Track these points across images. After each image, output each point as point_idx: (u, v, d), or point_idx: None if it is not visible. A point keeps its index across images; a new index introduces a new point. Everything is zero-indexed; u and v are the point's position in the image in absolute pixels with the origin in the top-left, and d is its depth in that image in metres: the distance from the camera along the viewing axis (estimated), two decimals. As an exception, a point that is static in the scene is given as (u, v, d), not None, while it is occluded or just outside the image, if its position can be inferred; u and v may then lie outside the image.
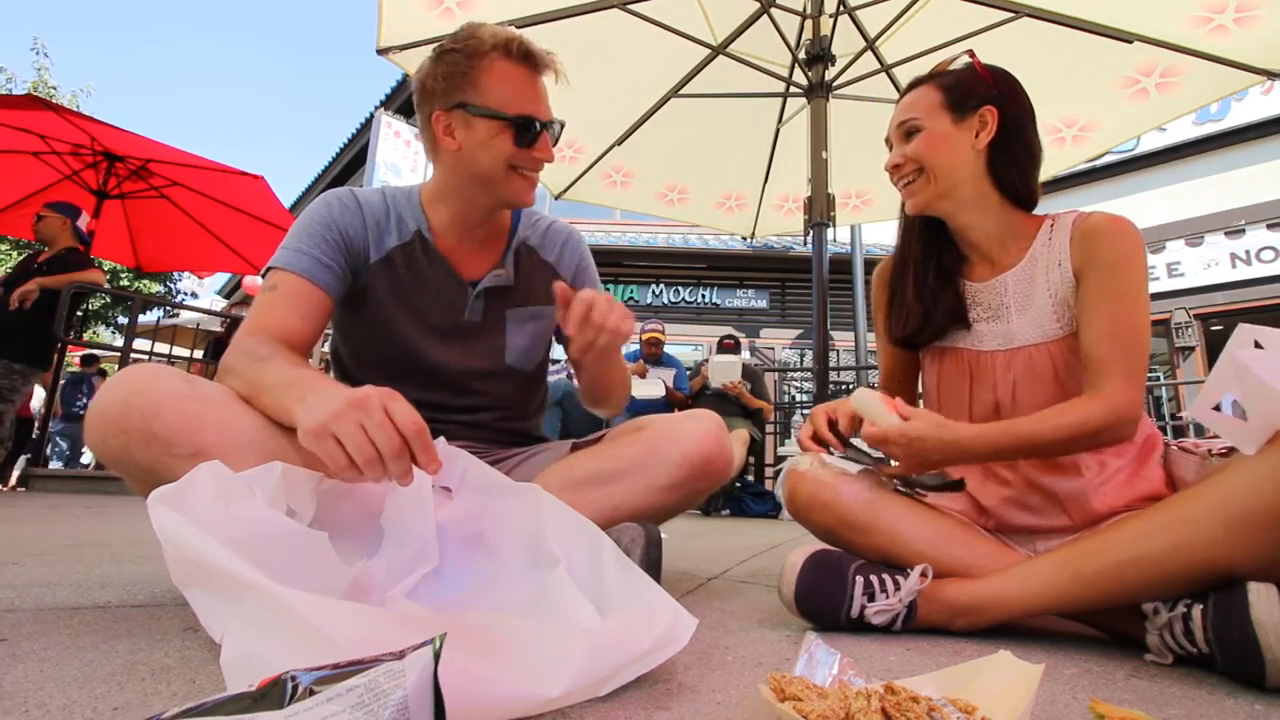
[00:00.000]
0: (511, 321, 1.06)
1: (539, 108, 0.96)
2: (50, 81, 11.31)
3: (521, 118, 0.94)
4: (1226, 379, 0.68)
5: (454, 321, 1.03)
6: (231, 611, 0.46)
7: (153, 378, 0.72)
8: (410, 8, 2.39)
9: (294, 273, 0.90)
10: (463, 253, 1.04)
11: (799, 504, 0.92)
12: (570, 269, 1.13)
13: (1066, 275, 0.88)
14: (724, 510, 4.12)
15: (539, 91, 0.97)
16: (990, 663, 0.50)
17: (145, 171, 4.41)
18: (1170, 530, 0.69)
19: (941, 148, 0.94)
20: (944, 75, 0.97)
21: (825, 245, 2.65)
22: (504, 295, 1.06)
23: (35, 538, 1.53)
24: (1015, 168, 0.94)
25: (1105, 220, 0.87)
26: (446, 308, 1.02)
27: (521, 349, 1.08)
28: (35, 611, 0.77)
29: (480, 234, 1.05)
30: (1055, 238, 0.92)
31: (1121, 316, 0.82)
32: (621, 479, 0.92)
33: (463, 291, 1.03)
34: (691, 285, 8.73)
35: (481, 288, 1.03)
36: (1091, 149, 2.88)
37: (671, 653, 0.58)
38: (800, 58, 2.75)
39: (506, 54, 0.94)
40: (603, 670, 0.52)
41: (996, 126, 0.93)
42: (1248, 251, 6.46)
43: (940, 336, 0.98)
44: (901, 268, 1.03)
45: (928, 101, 0.95)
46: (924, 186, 0.95)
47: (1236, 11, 2.22)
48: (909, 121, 0.96)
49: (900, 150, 0.97)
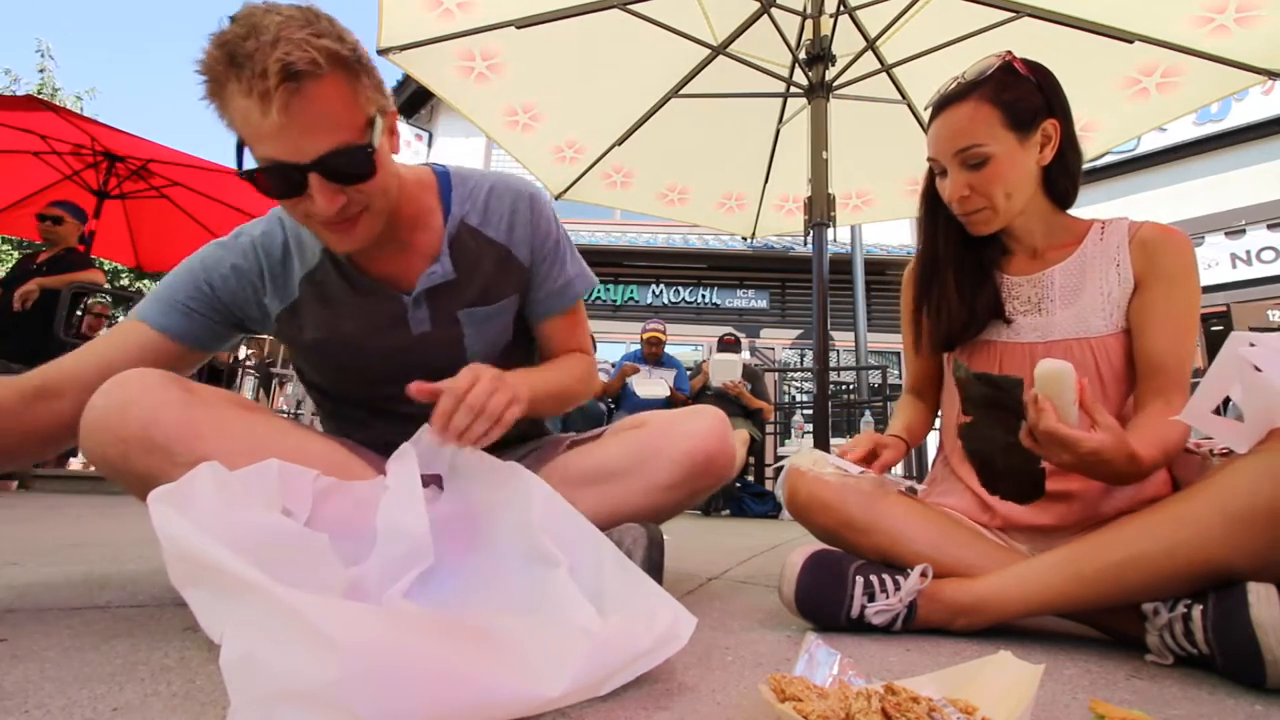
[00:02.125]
0: (468, 324, 0.92)
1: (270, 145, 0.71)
2: (54, 83, 11.31)
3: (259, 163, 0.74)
4: (1226, 378, 0.68)
5: (399, 340, 0.90)
6: (231, 611, 0.46)
7: (150, 385, 0.71)
8: (410, 8, 2.39)
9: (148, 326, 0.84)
10: (386, 259, 0.88)
11: (799, 504, 0.92)
12: (524, 245, 0.95)
13: (1126, 277, 0.89)
14: (724, 510, 4.12)
15: (265, 125, 0.69)
16: (990, 663, 0.50)
17: (145, 172, 4.42)
18: (1168, 530, 0.69)
19: (1011, 175, 0.89)
20: (992, 85, 0.88)
21: (825, 245, 2.64)
22: (450, 293, 0.90)
23: (35, 538, 1.53)
24: (1068, 174, 0.93)
25: (1165, 231, 0.89)
26: (386, 328, 0.89)
27: (483, 348, 0.95)
28: (35, 612, 0.76)
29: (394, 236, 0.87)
30: (1109, 239, 0.92)
31: (1182, 335, 0.85)
32: (621, 478, 0.91)
33: (397, 303, 0.88)
34: (691, 285, 8.72)
35: (418, 292, 0.88)
36: (1092, 149, 2.87)
37: (671, 652, 0.58)
38: (800, 58, 2.75)
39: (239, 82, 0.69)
40: (603, 670, 0.52)
41: (1060, 139, 0.91)
42: (1248, 252, 6.45)
43: (980, 332, 0.97)
44: (933, 269, 1.01)
45: (987, 122, 0.87)
46: (992, 217, 0.92)
47: (1237, 11, 2.22)
48: (972, 150, 0.88)
49: (964, 180, 0.90)
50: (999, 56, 0.91)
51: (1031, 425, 0.72)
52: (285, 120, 0.66)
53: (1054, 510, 0.88)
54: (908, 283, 1.08)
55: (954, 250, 0.99)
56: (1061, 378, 0.70)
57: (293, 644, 0.43)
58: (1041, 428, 0.71)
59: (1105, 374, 0.89)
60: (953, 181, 0.92)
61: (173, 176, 4.44)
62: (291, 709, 0.41)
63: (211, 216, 4.75)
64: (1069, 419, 0.71)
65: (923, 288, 1.03)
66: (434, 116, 9.68)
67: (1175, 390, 0.84)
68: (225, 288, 0.87)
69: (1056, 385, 0.71)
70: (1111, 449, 0.70)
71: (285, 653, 0.43)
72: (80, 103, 11.54)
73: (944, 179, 0.95)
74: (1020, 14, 2.45)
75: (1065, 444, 0.70)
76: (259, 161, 0.71)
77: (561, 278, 0.99)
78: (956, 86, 0.91)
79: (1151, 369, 0.86)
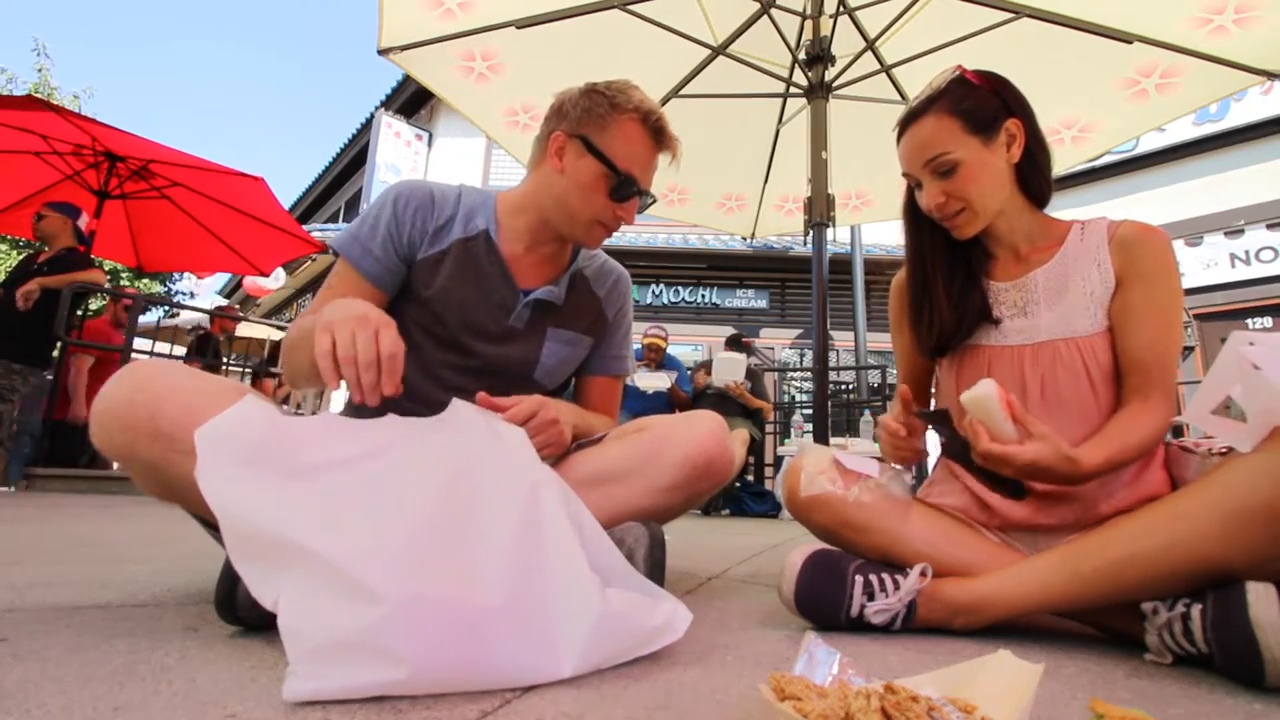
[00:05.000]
0: (551, 339, 1.08)
1: (645, 175, 1.03)
2: (51, 82, 11.31)
3: (627, 175, 0.99)
4: (1227, 377, 0.68)
5: (498, 323, 1.04)
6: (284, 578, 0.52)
7: (157, 374, 0.73)
8: (411, 8, 2.39)
9: (346, 260, 0.99)
10: (524, 262, 1.06)
11: (799, 503, 0.92)
12: (613, 307, 1.17)
13: (1107, 276, 0.90)
14: (724, 510, 4.12)
15: (652, 163, 1.04)
16: (990, 662, 0.50)
17: (146, 172, 4.41)
18: (1166, 528, 0.69)
19: (983, 177, 0.92)
20: (949, 98, 0.92)
21: (825, 245, 2.64)
22: (550, 312, 1.08)
23: (36, 537, 1.54)
24: (1038, 171, 0.95)
25: (1144, 229, 0.90)
26: (495, 307, 1.04)
27: (551, 368, 1.09)
28: (36, 611, 0.77)
29: (544, 250, 1.08)
30: (1089, 240, 0.93)
31: (1163, 332, 0.85)
32: (623, 480, 0.92)
33: (513, 295, 1.04)
34: (691, 285, 8.72)
35: (533, 297, 1.05)
36: (1091, 150, 2.87)
37: (668, 641, 0.61)
38: (800, 58, 2.75)
39: (644, 120, 1.01)
40: (611, 642, 0.57)
41: (1024, 137, 0.93)
42: (1247, 252, 6.45)
43: (969, 337, 0.98)
44: (922, 277, 1.02)
45: (949, 131, 0.92)
46: (973, 218, 0.94)
47: (1236, 12, 2.22)
48: (940, 159, 0.92)
49: (939, 188, 0.93)
50: (950, 71, 0.95)
51: (974, 448, 0.78)
52: None
53: (1053, 510, 0.88)
54: (896, 293, 1.09)
55: (941, 261, 1.00)
56: (984, 401, 0.76)
57: (340, 597, 0.49)
58: (979, 450, 0.77)
59: (1093, 373, 0.89)
60: (929, 191, 0.94)
61: (173, 177, 4.44)
62: (340, 655, 0.47)
63: (212, 217, 4.75)
64: (1005, 434, 0.77)
65: (914, 302, 1.04)
66: (434, 116, 9.69)
67: (1155, 388, 0.85)
68: (409, 229, 1.01)
69: (983, 409, 0.77)
70: (1048, 457, 0.75)
71: (331, 606, 0.49)
72: (78, 101, 11.53)
73: (921, 191, 0.97)
74: (1020, 14, 2.45)
75: (1003, 460, 0.76)
76: (621, 170, 0.99)
77: (622, 348, 1.20)
78: (916, 104, 0.95)
79: (1133, 367, 0.86)
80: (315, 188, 12.09)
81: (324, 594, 0.50)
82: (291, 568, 0.52)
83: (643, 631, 0.61)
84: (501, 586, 0.54)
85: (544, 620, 0.55)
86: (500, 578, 0.54)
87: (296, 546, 0.52)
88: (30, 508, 2.44)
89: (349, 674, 0.48)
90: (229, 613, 0.68)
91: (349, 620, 0.48)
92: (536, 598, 0.55)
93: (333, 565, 0.50)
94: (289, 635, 0.48)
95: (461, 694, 0.52)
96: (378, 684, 0.48)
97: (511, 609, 0.53)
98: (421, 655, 0.48)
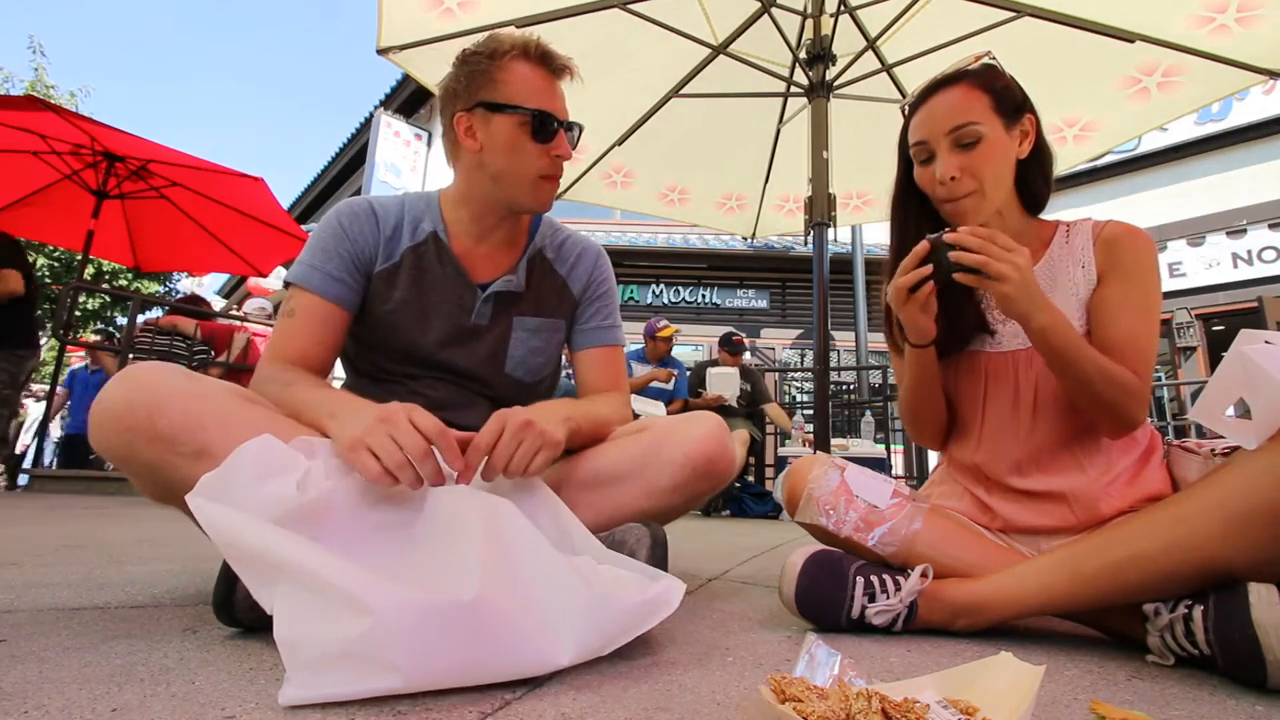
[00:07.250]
0: (517, 329, 1.06)
1: (555, 105, 0.98)
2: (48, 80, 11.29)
3: (538, 112, 0.96)
4: (1232, 377, 0.68)
5: (459, 323, 1.03)
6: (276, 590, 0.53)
7: (156, 376, 0.73)
8: (410, 8, 2.38)
9: (309, 291, 0.95)
10: (477, 256, 1.05)
11: (795, 510, 0.92)
12: (579, 283, 1.13)
13: (1090, 276, 0.89)
14: (724, 510, 4.12)
15: (555, 90, 1.00)
16: (991, 664, 0.50)
17: (145, 172, 4.40)
18: (1167, 528, 0.69)
19: (1000, 159, 0.89)
20: (981, 74, 0.90)
21: (826, 245, 2.64)
22: (513, 301, 1.06)
23: (35, 538, 1.53)
24: (1041, 173, 0.94)
25: (1127, 229, 0.90)
26: (453, 308, 1.02)
27: (522, 358, 1.07)
28: (34, 612, 0.77)
29: (497, 238, 1.05)
30: (1074, 241, 0.92)
31: (1139, 328, 0.84)
32: (623, 481, 0.92)
33: (471, 293, 1.03)
34: (691, 285, 8.72)
35: (491, 290, 1.03)
36: (1093, 149, 2.87)
37: (664, 615, 0.63)
38: (801, 57, 2.75)
39: (525, 54, 0.97)
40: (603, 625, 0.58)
41: (1035, 136, 0.92)
42: (1249, 251, 6.45)
43: (966, 344, 0.97)
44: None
45: (980, 105, 0.88)
46: (980, 202, 0.89)
47: (1238, 11, 2.21)
48: (967, 128, 0.87)
49: (957, 162, 0.88)
50: (983, 54, 0.93)
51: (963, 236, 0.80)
52: None
53: (1054, 512, 0.88)
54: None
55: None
56: None
57: (330, 610, 0.50)
58: (972, 230, 0.79)
59: None
60: (944, 163, 0.89)
61: (172, 177, 4.43)
62: (335, 666, 0.48)
63: (211, 217, 4.74)
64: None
65: None
66: (433, 116, 9.69)
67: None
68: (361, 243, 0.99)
69: None
70: (1023, 260, 0.77)
71: (324, 620, 0.50)
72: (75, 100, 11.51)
73: (927, 166, 0.92)
74: (1020, 14, 2.44)
75: (990, 236, 0.78)
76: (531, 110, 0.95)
77: (606, 320, 1.15)
78: (946, 74, 0.93)
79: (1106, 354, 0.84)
80: (314, 187, 12.10)
81: (315, 607, 0.51)
82: (281, 575, 0.53)
83: (636, 607, 0.61)
84: (473, 578, 0.54)
85: (532, 611, 0.56)
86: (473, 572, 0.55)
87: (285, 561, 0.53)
88: (29, 508, 2.44)
89: (344, 682, 0.48)
90: (227, 614, 0.68)
91: (340, 631, 0.48)
92: (517, 587, 0.56)
93: (321, 578, 0.51)
94: (284, 647, 0.49)
95: (461, 694, 0.52)
96: (373, 692, 0.49)
97: (493, 601, 0.53)
98: (414, 659, 0.49)
